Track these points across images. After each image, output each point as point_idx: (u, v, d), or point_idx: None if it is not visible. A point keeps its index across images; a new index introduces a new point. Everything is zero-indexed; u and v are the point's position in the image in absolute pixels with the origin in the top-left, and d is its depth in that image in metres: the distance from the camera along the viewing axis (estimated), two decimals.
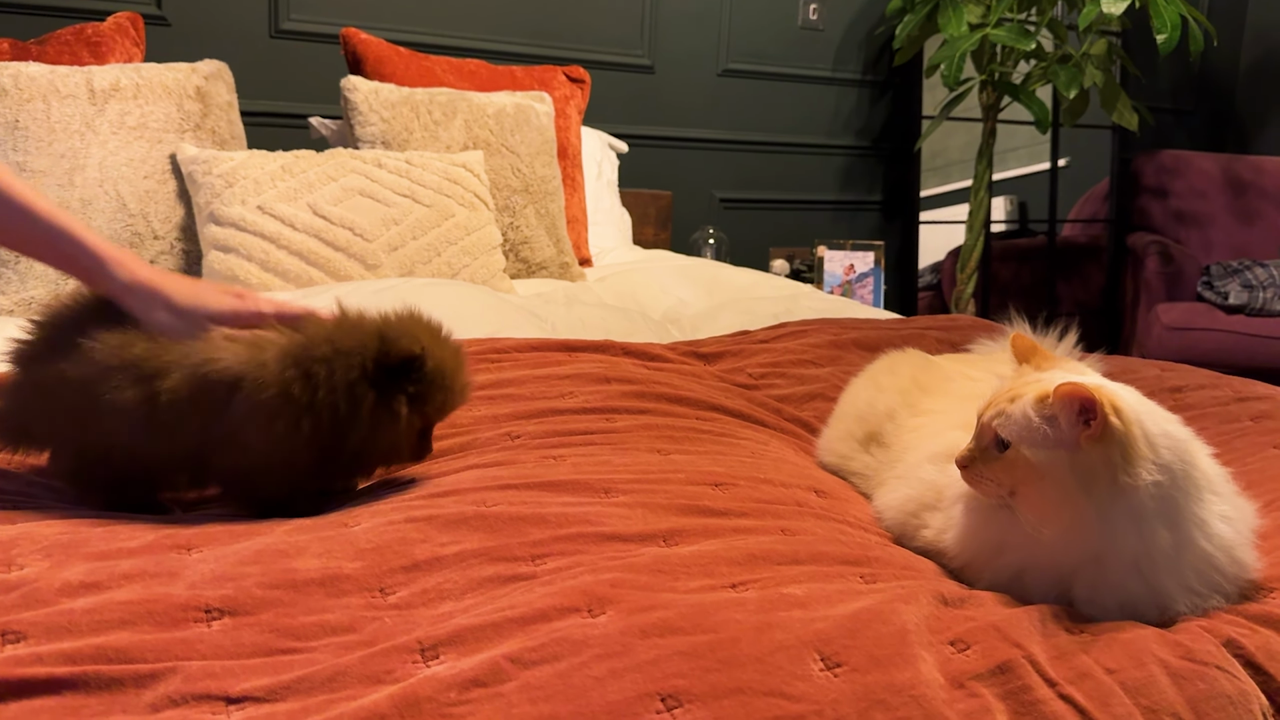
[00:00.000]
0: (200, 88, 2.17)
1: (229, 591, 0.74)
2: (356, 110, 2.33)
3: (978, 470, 0.91)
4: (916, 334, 1.73)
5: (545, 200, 2.45)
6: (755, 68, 3.64)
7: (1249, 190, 4.26)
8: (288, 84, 2.92)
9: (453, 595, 0.77)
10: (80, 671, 0.64)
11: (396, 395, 0.98)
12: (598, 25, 3.33)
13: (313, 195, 2.05)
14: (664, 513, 0.93)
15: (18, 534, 0.82)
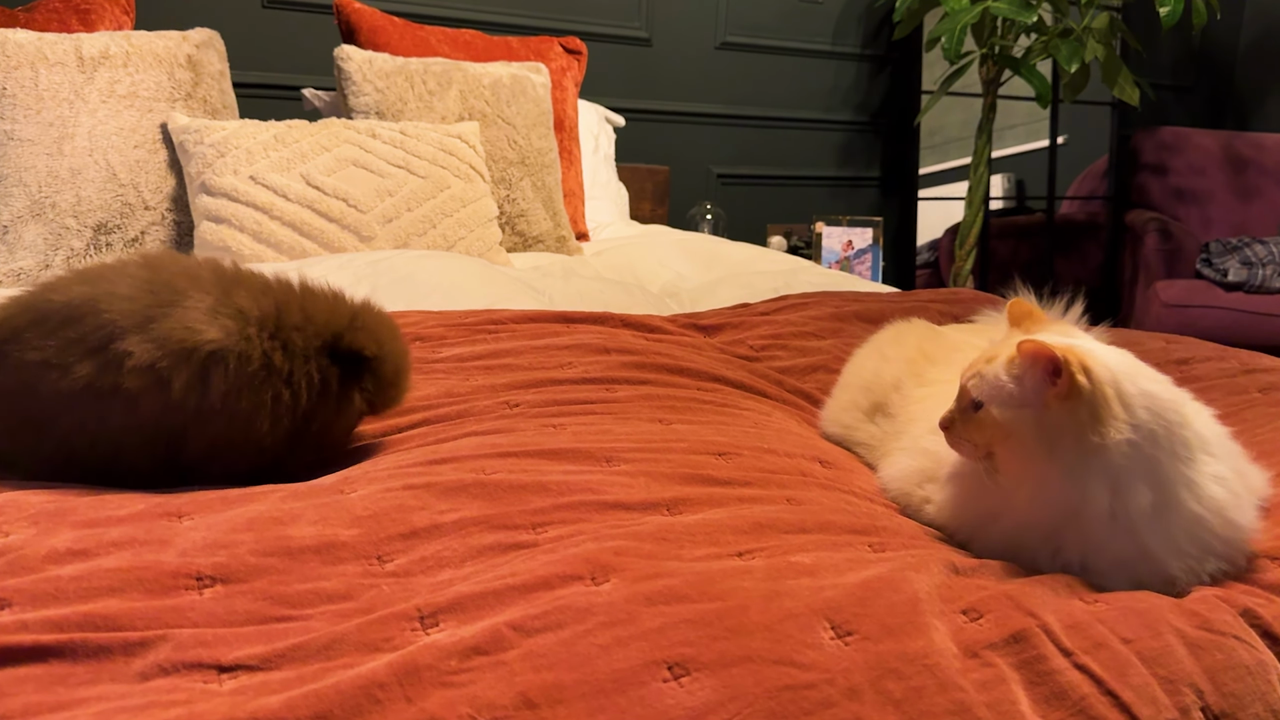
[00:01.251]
0: (191, 56, 2.14)
1: (221, 559, 0.72)
2: (350, 80, 2.30)
3: (958, 432, 0.89)
4: (919, 306, 1.71)
5: (542, 173, 2.42)
6: (753, 41, 3.60)
7: (1249, 167, 4.23)
8: (280, 55, 2.88)
9: (452, 563, 0.75)
10: (67, 639, 0.61)
11: (352, 382, 0.97)
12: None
13: (306, 165, 2.02)
14: (667, 481, 0.91)
15: (4, 502, 0.80)
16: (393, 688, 0.59)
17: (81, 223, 1.92)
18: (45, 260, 1.89)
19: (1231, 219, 4.17)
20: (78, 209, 1.92)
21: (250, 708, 0.56)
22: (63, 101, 1.95)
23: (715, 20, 3.52)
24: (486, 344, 1.37)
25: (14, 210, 1.88)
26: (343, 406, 0.97)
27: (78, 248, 1.92)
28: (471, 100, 2.37)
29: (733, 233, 3.39)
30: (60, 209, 1.91)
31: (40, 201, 1.89)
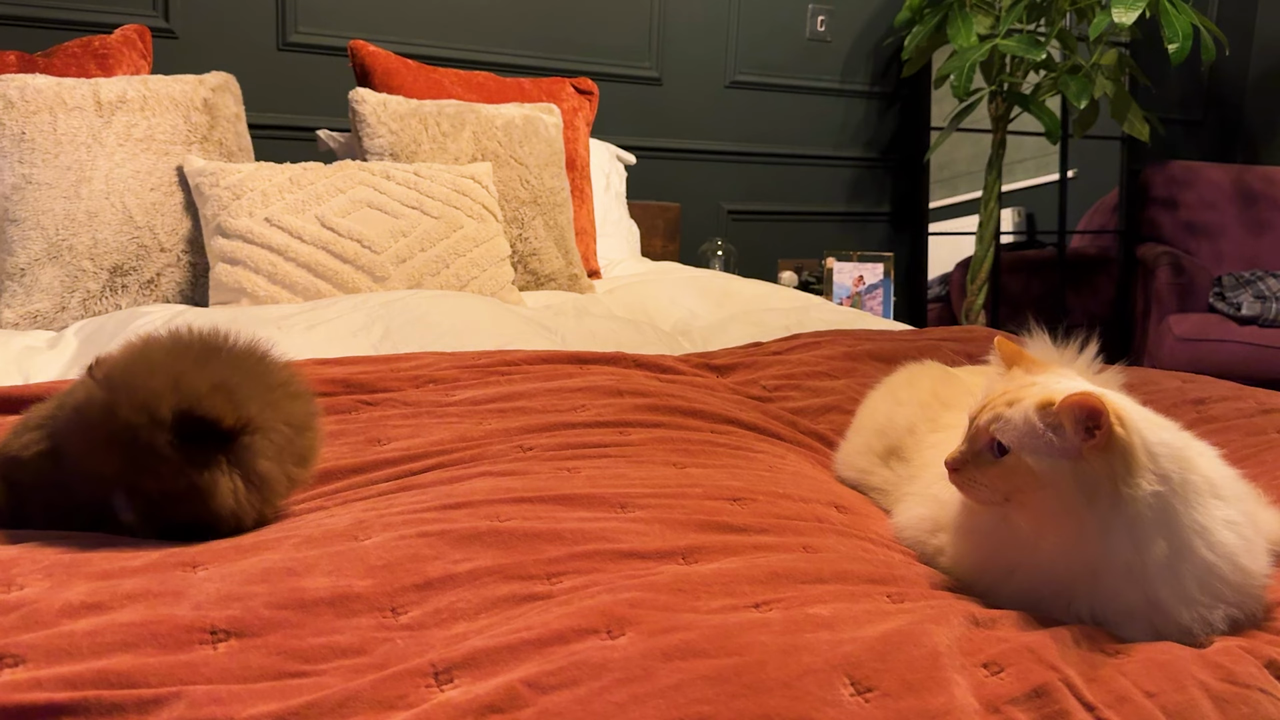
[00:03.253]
0: (207, 99, 2.16)
1: (235, 612, 0.71)
2: (364, 122, 2.32)
3: (970, 475, 0.89)
4: (932, 345, 1.71)
5: (554, 212, 2.43)
6: (763, 79, 3.63)
7: (1260, 201, 4.23)
8: (295, 97, 2.91)
9: (466, 615, 0.75)
10: (81, 697, 0.61)
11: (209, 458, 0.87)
12: (605, 37, 3.32)
13: (321, 207, 2.03)
14: (682, 529, 0.91)
15: (18, 554, 0.80)
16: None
17: (98, 265, 1.94)
18: (61, 302, 1.90)
19: (1243, 253, 4.16)
20: (94, 251, 1.94)
21: None
22: (80, 145, 1.97)
23: (725, 59, 3.55)
24: (499, 386, 1.37)
25: (31, 253, 1.89)
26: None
27: (94, 290, 1.93)
28: (484, 141, 2.39)
29: (744, 268, 3.40)
30: (77, 251, 1.92)
31: (57, 244, 1.91)
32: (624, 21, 3.34)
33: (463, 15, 3.09)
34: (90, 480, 0.86)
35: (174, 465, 0.85)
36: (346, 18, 2.93)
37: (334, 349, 1.60)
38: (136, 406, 0.84)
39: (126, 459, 0.84)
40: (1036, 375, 0.92)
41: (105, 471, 0.85)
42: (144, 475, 0.85)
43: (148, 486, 0.85)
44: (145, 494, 0.86)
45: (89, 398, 0.86)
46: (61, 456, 0.87)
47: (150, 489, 0.85)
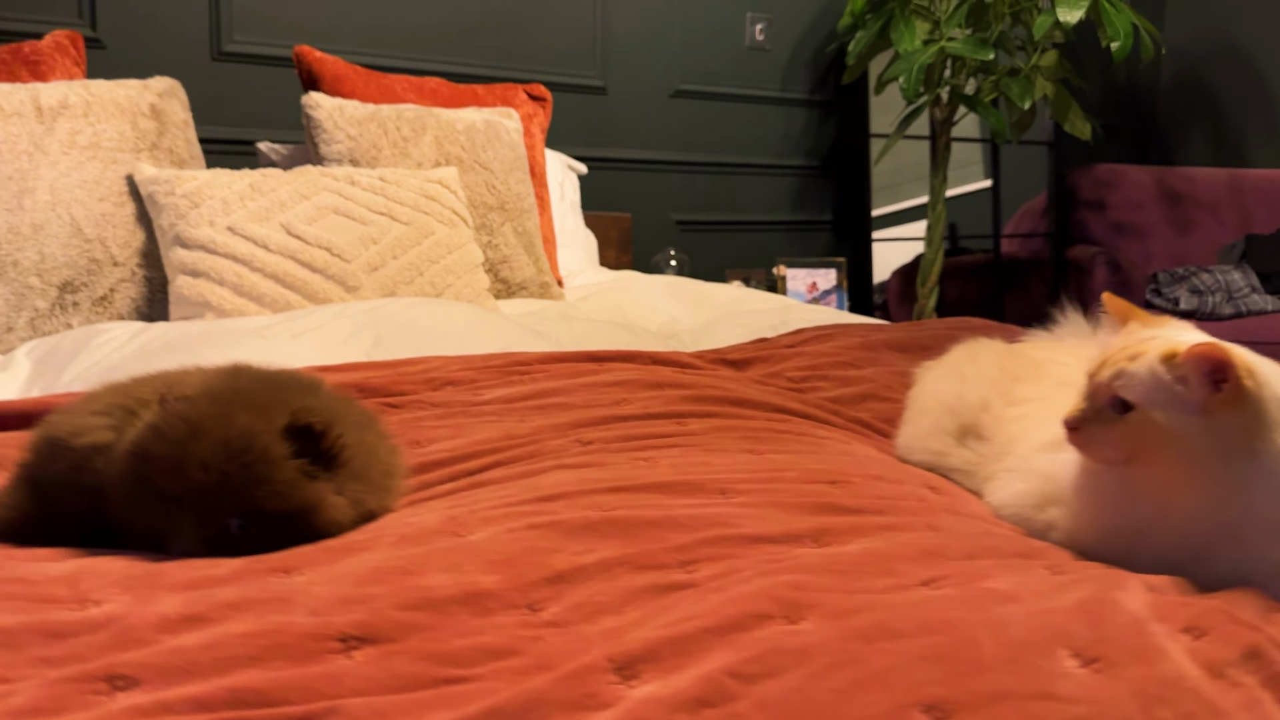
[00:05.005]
0: (155, 105, 2.02)
1: (361, 616, 0.62)
2: (320, 128, 2.21)
3: (1091, 433, 0.84)
4: (944, 334, 1.67)
5: (521, 218, 2.35)
6: (706, 88, 3.60)
7: (1183, 200, 4.36)
8: (233, 108, 2.77)
9: (610, 609, 0.66)
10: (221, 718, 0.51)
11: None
12: (549, 46, 3.25)
13: (285, 215, 1.91)
14: (797, 512, 0.84)
15: (79, 569, 0.69)
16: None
17: (46, 281, 1.78)
18: (8, 323, 1.74)
19: (1170, 251, 4.27)
20: (41, 267, 1.78)
21: None
22: (21, 154, 1.82)
23: (668, 68, 3.51)
24: (525, 385, 1.28)
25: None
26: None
27: (42, 308, 1.78)
28: (447, 146, 2.29)
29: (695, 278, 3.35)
30: (22, 267, 1.77)
31: (0, 260, 1.75)
32: (567, 30, 3.28)
33: (403, 24, 3.00)
34: (175, 500, 0.76)
35: (289, 476, 0.77)
36: (285, 26, 2.81)
37: (325, 357, 1.49)
38: (255, 414, 0.78)
39: (240, 470, 0.75)
40: (1154, 329, 0.88)
41: (205, 486, 0.75)
42: (256, 486, 0.76)
43: (256, 498, 0.76)
44: (252, 510, 0.76)
45: (183, 415, 0.76)
46: (132, 479, 0.76)
47: (258, 503, 0.76)
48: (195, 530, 0.74)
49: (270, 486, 0.76)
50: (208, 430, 0.75)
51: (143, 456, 0.75)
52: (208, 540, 0.74)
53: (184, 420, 0.76)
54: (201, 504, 0.75)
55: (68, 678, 0.54)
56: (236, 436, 0.75)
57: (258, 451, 0.76)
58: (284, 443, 0.78)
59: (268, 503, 0.76)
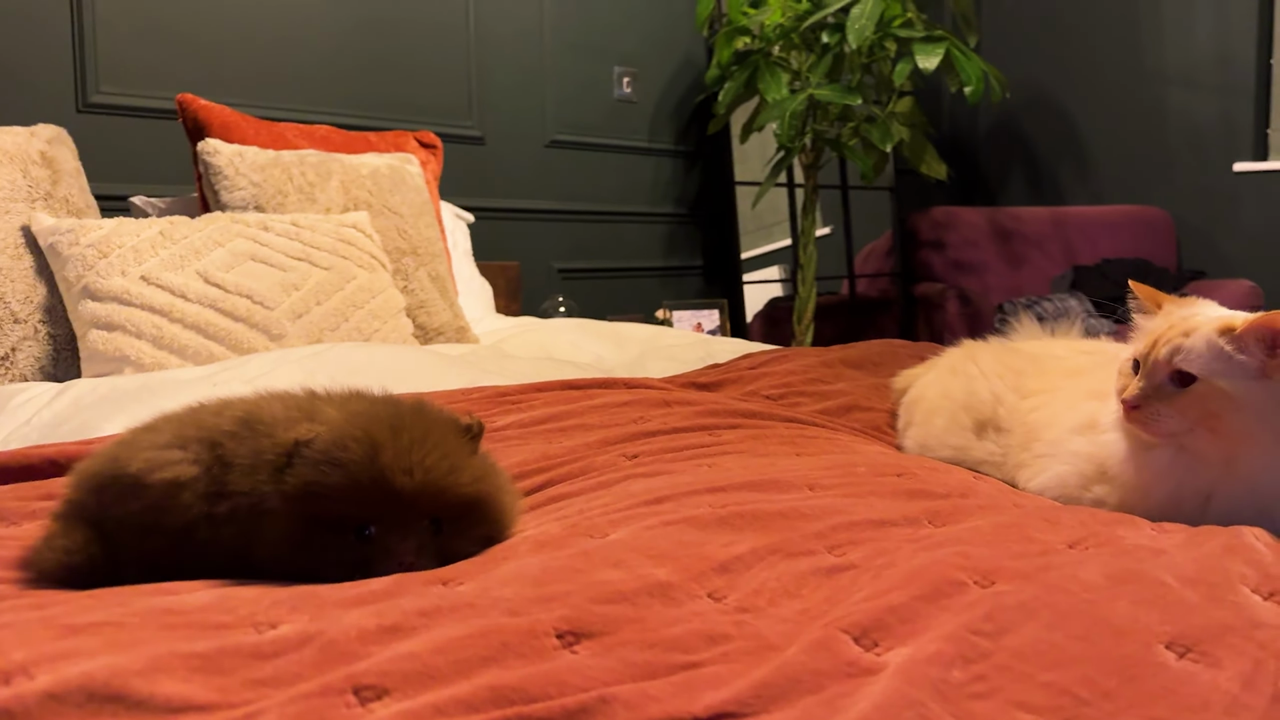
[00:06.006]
0: (45, 153, 1.89)
1: (564, 612, 0.59)
2: (221, 174, 2.11)
3: (1153, 409, 0.90)
4: (886, 351, 1.74)
5: (433, 262, 2.30)
6: (578, 139, 3.64)
7: (1013, 238, 4.68)
8: (100, 162, 2.60)
9: (789, 593, 0.65)
10: (499, 717, 0.47)
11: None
12: (426, 96, 3.22)
13: (200, 262, 1.81)
14: (894, 499, 0.85)
15: (218, 597, 0.62)
16: (930, 705, 0.49)
17: None
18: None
19: (1006, 284, 4.57)
20: None
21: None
22: None
23: (543, 119, 3.53)
24: (526, 412, 1.25)
25: None
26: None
27: None
28: (354, 190, 2.23)
29: None
30: None
31: None
32: (442, 80, 3.26)
33: (281, 76, 2.91)
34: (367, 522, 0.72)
35: (476, 469, 0.77)
36: (156, 77, 2.68)
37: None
38: (445, 419, 0.78)
39: (439, 465, 0.73)
40: (1190, 308, 0.94)
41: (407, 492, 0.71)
42: (453, 481, 0.74)
43: (454, 494, 0.74)
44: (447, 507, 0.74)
45: (350, 439, 0.72)
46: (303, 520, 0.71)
47: (455, 498, 0.74)
48: (401, 541, 0.70)
49: (465, 477, 0.74)
50: (388, 442, 0.71)
51: (316, 492, 0.70)
52: (417, 549, 0.70)
53: (356, 442, 0.71)
54: (405, 512, 0.71)
55: (307, 694, 0.49)
56: (423, 439, 0.72)
57: (447, 448, 0.73)
58: (461, 438, 0.75)
59: (462, 497, 0.73)
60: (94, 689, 0.47)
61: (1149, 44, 4.44)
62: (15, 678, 0.48)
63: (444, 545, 0.73)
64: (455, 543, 0.74)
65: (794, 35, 3.34)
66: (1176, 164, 4.49)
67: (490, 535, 0.77)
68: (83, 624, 0.55)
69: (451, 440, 0.77)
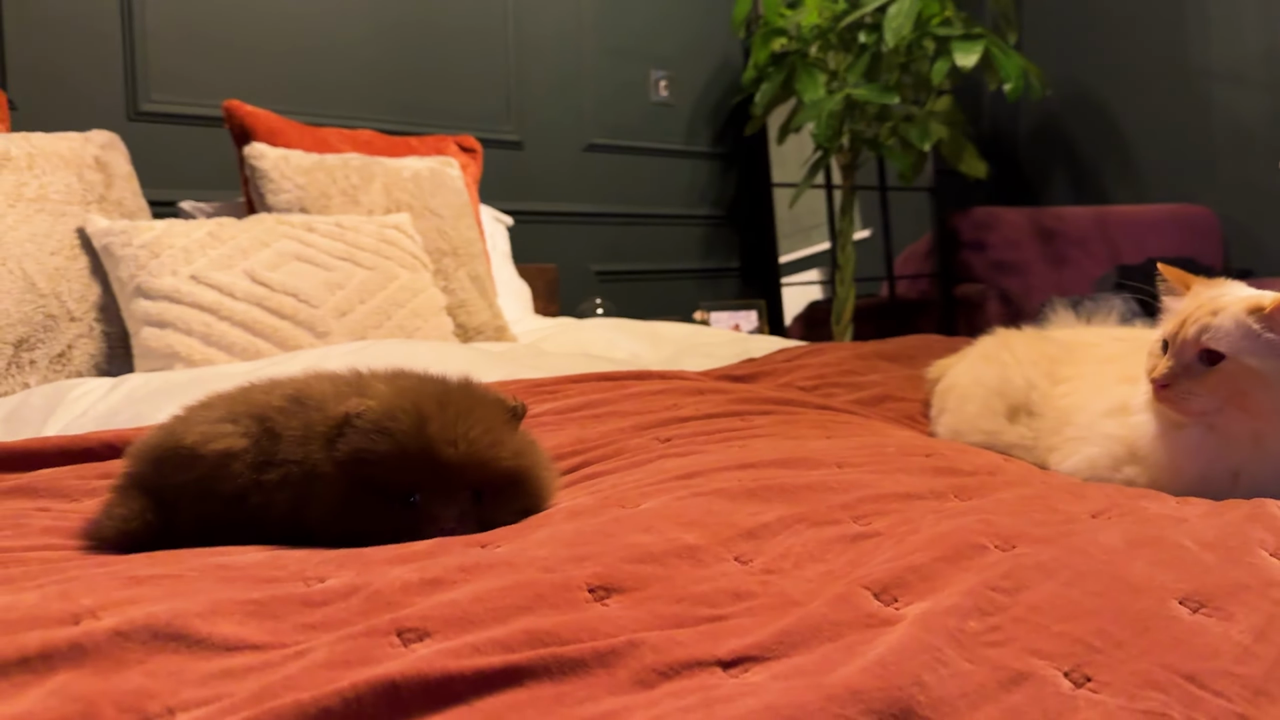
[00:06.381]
0: (99, 157, 1.95)
1: (596, 569, 0.61)
2: (267, 178, 2.16)
3: (1183, 388, 0.91)
4: (921, 345, 1.75)
5: (473, 262, 2.34)
6: (616, 142, 3.67)
7: (1055, 238, 4.65)
8: (150, 169, 2.68)
9: (814, 557, 0.68)
10: (527, 659, 0.50)
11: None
12: (465, 102, 3.27)
13: (248, 262, 1.87)
14: (921, 475, 0.87)
15: (269, 557, 0.66)
16: (945, 650, 0.51)
17: (0, 339, 1.68)
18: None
19: (1048, 285, 4.53)
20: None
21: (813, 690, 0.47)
22: None
23: (580, 122, 3.57)
24: (562, 400, 1.28)
25: None
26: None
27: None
28: (396, 193, 2.28)
29: None
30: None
31: None
32: (482, 86, 3.31)
33: (324, 83, 2.97)
34: (411, 489, 0.76)
35: (517, 444, 0.81)
36: (203, 85, 2.75)
37: None
38: (490, 397, 0.82)
39: (483, 438, 0.77)
40: (1219, 289, 0.95)
41: (452, 462, 0.76)
42: (496, 453, 0.78)
43: (495, 466, 0.78)
44: (489, 478, 0.78)
45: (399, 410, 0.77)
46: (354, 484, 0.75)
47: (497, 470, 0.78)
48: (445, 508, 0.74)
49: (506, 451, 0.77)
50: (435, 414, 0.75)
51: (367, 459, 0.74)
52: (459, 516, 0.74)
53: (405, 414, 0.75)
54: (449, 481, 0.76)
55: (355, 635, 0.52)
56: (468, 414, 0.76)
57: (490, 423, 0.77)
58: (504, 415, 0.79)
59: (502, 470, 0.77)
60: (158, 628, 0.51)
61: (1194, 39, 4.39)
62: (84, 619, 0.52)
63: (484, 514, 0.76)
64: (495, 512, 0.77)
65: (831, 35, 3.35)
66: (1222, 162, 4.44)
67: (528, 508, 0.80)
68: (145, 576, 0.59)
69: (495, 416, 0.81)
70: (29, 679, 0.46)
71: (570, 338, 2.32)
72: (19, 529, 0.80)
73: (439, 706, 0.46)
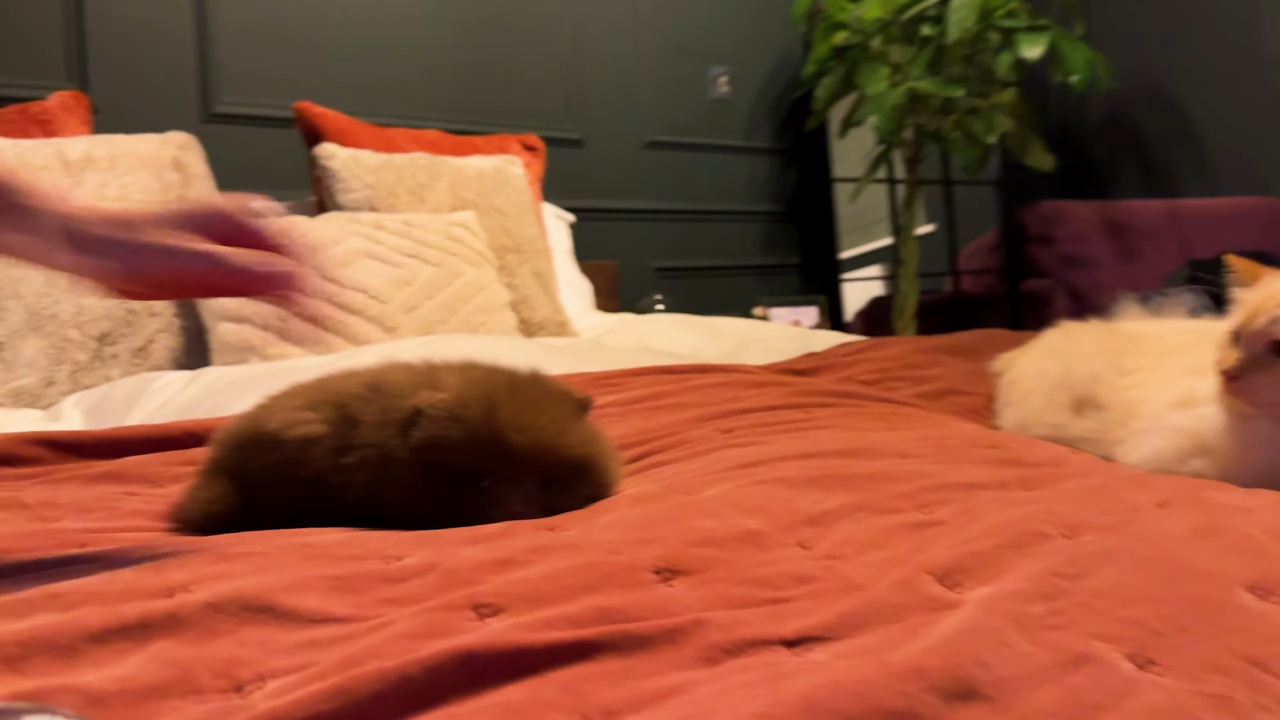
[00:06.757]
0: (176, 158, 2.02)
1: (661, 552, 0.63)
2: (337, 177, 2.21)
3: (1252, 380, 0.90)
4: (986, 339, 1.74)
5: (536, 259, 2.38)
6: (675, 139, 3.69)
7: (1125, 232, 4.56)
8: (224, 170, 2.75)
9: (877, 544, 0.68)
10: (604, 632, 0.52)
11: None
12: (527, 101, 3.31)
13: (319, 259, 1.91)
14: (986, 465, 0.87)
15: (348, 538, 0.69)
16: (1008, 632, 0.52)
17: (85, 333, 1.75)
18: (48, 376, 1.70)
19: (1117, 280, 4.44)
20: (79, 319, 1.75)
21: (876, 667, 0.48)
22: None
23: (640, 120, 3.59)
24: (625, 392, 1.30)
25: (10, 325, 1.69)
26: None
27: (82, 360, 1.74)
28: (461, 191, 2.32)
29: None
30: (61, 320, 1.73)
31: (38, 313, 1.72)
32: (542, 84, 3.35)
33: (388, 84, 3.03)
34: (481, 475, 0.79)
35: (582, 433, 0.83)
36: (273, 87, 2.82)
37: None
38: (557, 388, 0.85)
39: (550, 426, 0.80)
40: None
41: (520, 449, 0.78)
42: (562, 443, 0.80)
43: (561, 454, 0.81)
44: (555, 466, 0.81)
45: (471, 399, 0.80)
46: (426, 468, 0.79)
47: (563, 458, 0.81)
48: (513, 493, 0.76)
49: (572, 439, 0.80)
50: (505, 403, 0.78)
51: (440, 445, 0.77)
52: (526, 500, 0.77)
53: (476, 402, 0.78)
54: (518, 467, 0.78)
55: (433, 609, 0.54)
56: (536, 403, 0.79)
57: (557, 413, 0.79)
58: (571, 406, 0.82)
59: (569, 457, 0.79)
60: (246, 601, 0.53)
61: (1268, 26, 4.28)
62: (177, 592, 0.55)
63: (550, 500, 0.79)
64: (561, 499, 0.79)
65: (893, 28, 3.33)
66: None
67: (593, 495, 0.82)
68: (232, 553, 0.62)
69: (562, 406, 0.83)
70: (129, 646, 0.49)
71: (632, 333, 2.34)
72: (110, 511, 0.84)
73: (514, 676, 0.48)
